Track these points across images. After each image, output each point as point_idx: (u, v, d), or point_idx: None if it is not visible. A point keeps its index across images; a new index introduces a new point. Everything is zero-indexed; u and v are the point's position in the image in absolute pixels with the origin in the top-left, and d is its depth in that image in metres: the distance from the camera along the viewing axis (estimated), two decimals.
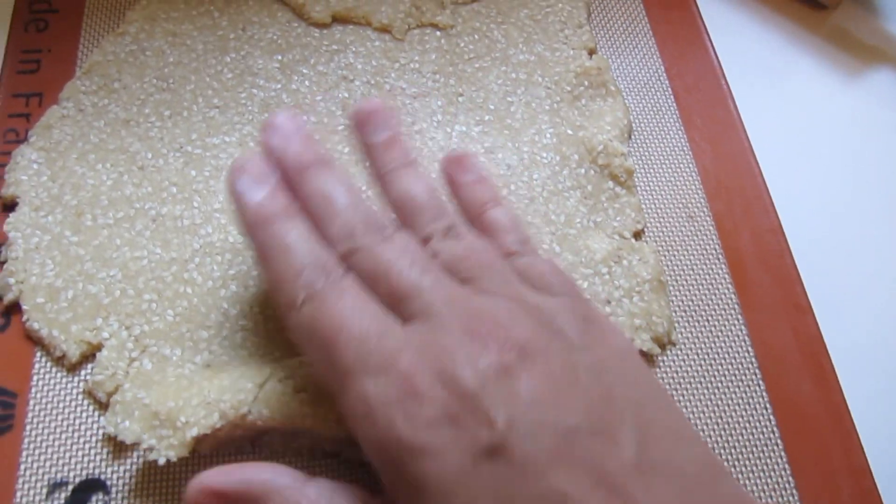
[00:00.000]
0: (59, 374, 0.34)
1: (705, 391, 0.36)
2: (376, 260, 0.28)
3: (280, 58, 0.43)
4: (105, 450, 0.32)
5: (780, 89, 0.47)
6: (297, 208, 0.30)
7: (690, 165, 0.42)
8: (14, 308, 0.35)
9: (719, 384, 0.36)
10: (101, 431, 0.33)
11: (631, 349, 0.30)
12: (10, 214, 0.37)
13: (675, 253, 0.40)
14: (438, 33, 0.44)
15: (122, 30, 0.43)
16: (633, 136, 0.43)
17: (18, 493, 0.31)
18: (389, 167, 0.32)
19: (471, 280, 0.29)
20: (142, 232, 0.37)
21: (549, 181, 0.40)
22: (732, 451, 0.35)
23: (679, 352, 0.37)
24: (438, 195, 0.32)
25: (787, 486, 0.34)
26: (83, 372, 0.34)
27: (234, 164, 0.30)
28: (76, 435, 0.33)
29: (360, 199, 0.30)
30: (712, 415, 0.35)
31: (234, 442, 0.32)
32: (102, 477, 0.32)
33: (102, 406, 0.33)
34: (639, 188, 0.41)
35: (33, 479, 0.32)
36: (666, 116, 0.44)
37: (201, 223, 0.37)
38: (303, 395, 0.32)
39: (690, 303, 0.38)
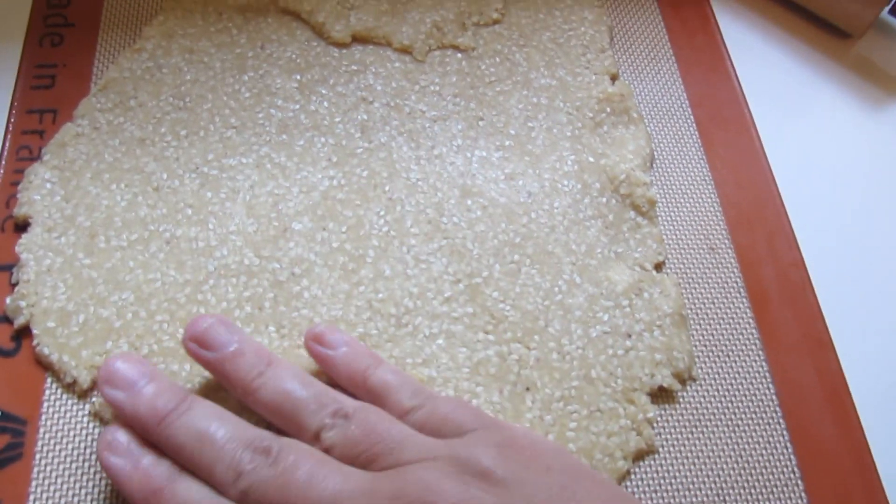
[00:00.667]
0: (69, 401, 0.33)
1: (725, 428, 0.35)
2: (272, 492, 0.27)
3: (299, 77, 0.42)
4: None
5: (803, 118, 0.46)
6: (170, 470, 0.28)
7: (712, 196, 0.42)
8: (25, 331, 0.34)
9: (739, 421, 0.36)
10: None
11: (553, 452, 0.29)
12: (23, 235, 0.36)
13: (697, 285, 0.39)
14: (459, 55, 0.44)
15: (139, 46, 0.42)
16: (654, 165, 0.42)
17: None
18: (249, 378, 0.30)
19: (373, 460, 0.28)
20: (156, 254, 0.36)
21: (570, 210, 0.39)
22: (752, 489, 0.34)
23: (699, 387, 0.36)
24: (313, 382, 0.30)
25: None
26: (94, 399, 0.33)
27: (100, 440, 0.29)
28: (87, 464, 0.32)
29: (234, 423, 0.29)
30: (732, 452, 0.35)
31: None
32: None
33: None
34: (660, 218, 0.41)
35: None
36: (688, 145, 0.43)
37: (216, 245, 0.37)
38: None
39: (711, 337, 0.38)
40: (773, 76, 0.47)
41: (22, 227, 0.37)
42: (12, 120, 0.40)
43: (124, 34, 0.43)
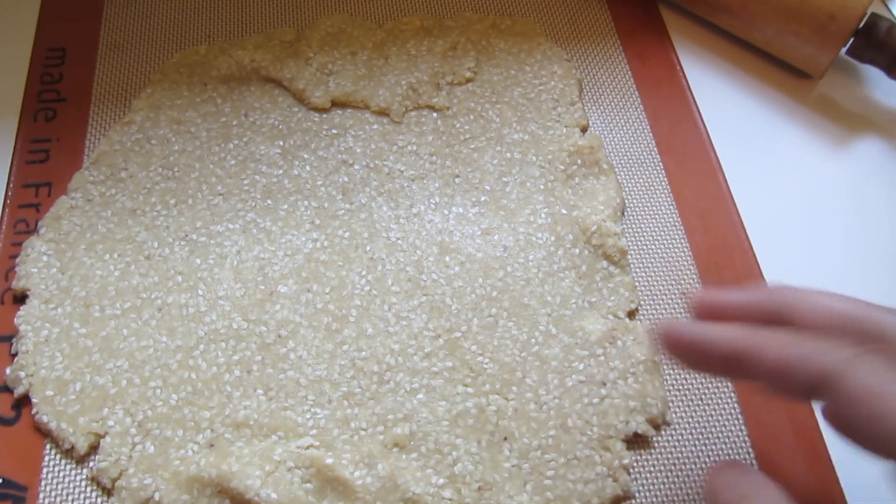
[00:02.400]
0: (68, 467, 0.35)
1: (700, 471, 0.37)
2: None
3: (282, 143, 0.44)
4: None
5: (768, 160, 0.48)
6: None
7: (682, 241, 0.43)
8: (25, 400, 0.36)
9: (713, 463, 0.37)
10: None
11: None
12: (21, 307, 0.38)
13: None
14: (435, 115, 0.46)
15: (129, 119, 0.44)
16: (625, 213, 0.44)
17: None
18: None
19: None
20: (148, 321, 0.38)
21: (544, 262, 0.41)
22: None
23: (674, 432, 0.38)
24: None
25: None
26: (92, 464, 0.35)
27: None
28: None
29: None
30: None
31: None
32: None
33: (108, 493, 0.34)
34: (632, 265, 0.42)
35: None
36: (658, 192, 0.45)
37: (206, 311, 0.38)
38: (308, 486, 0.34)
39: (684, 381, 0.39)
40: (738, 119, 0.49)
41: (20, 299, 0.38)
42: (9, 194, 0.42)
43: (115, 107, 0.45)
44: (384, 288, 0.40)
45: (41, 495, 0.34)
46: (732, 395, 0.39)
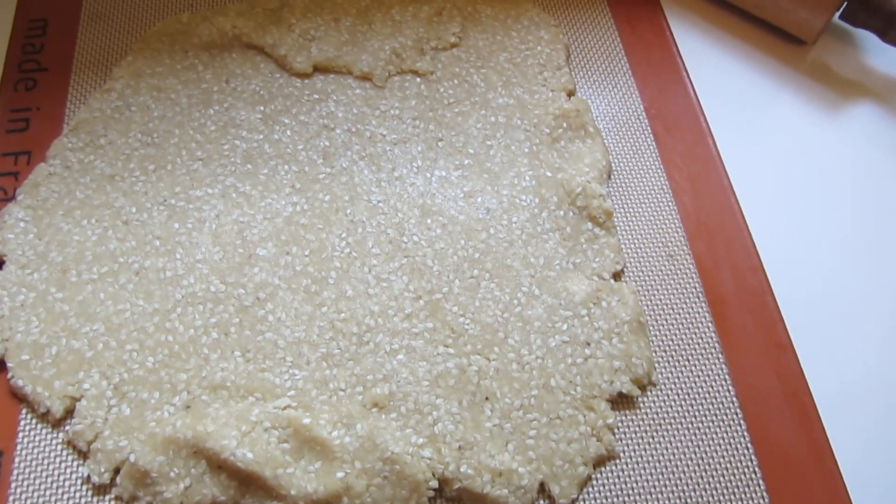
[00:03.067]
0: (44, 431, 0.35)
1: (686, 431, 0.36)
2: None
3: (263, 109, 0.43)
4: None
5: (759, 125, 0.47)
6: None
7: (671, 204, 0.43)
8: (0, 365, 0.36)
9: (700, 424, 0.36)
10: (86, 489, 0.33)
11: None
12: None
13: (656, 292, 0.40)
14: (419, 80, 0.45)
15: (109, 86, 0.44)
16: (612, 177, 0.43)
17: None
18: None
19: None
20: (125, 285, 0.38)
21: (528, 224, 0.40)
22: (714, 491, 0.35)
23: (660, 392, 0.37)
24: None
25: None
26: (68, 427, 0.35)
27: None
28: (61, 492, 0.33)
29: None
30: (693, 455, 0.35)
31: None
32: None
33: (84, 455, 0.34)
34: (619, 228, 0.42)
35: None
36: (646, 156, 0.44)
37: (183, 274, 0.38)
38: (285, 446, 0.33)
39: (671, 342, 0.38)
40: (730, 85, 0.48)
41: None
42: None
43: (96, 76, 0.45)
44: (364, 250, 0.39)
45: (17, 459, 0.34)
46: (720, 356, 0.38)
